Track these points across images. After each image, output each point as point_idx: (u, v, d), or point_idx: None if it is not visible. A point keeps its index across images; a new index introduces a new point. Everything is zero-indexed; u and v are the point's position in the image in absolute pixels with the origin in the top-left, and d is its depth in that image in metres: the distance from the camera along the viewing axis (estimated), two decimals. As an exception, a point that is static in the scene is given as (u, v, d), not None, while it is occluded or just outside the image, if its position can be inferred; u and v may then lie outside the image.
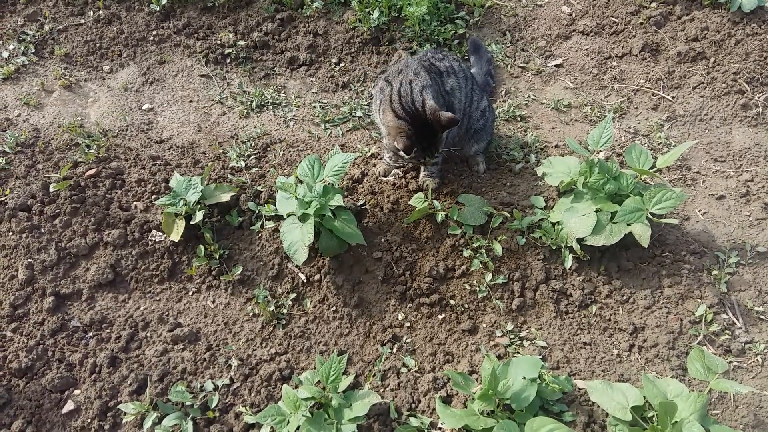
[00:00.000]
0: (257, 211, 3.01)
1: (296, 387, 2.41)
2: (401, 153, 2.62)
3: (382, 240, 2.92)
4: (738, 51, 3.55)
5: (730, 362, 2.52)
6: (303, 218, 2.72)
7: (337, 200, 2.67)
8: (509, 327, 2.66)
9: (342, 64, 3.78)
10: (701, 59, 3.59)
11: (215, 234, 2.95)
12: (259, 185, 3.13)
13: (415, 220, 2.92)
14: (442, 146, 2.74)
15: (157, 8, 3.96)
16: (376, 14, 3.77)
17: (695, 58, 3.59)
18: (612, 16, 3.86)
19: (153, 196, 3.08)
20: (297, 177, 2.83)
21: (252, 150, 3.33)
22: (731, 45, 3.58)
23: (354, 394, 2.38)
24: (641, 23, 3.78)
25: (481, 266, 2.79)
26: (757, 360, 2.52)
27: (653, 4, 3.84)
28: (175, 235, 2.82)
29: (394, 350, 2.63)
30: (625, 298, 2.71)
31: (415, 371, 2.56)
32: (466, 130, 3.03)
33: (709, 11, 3.73)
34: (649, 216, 2.62)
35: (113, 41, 3.87)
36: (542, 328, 2.66)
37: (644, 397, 2.17)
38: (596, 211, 2.70)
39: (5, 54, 3.79)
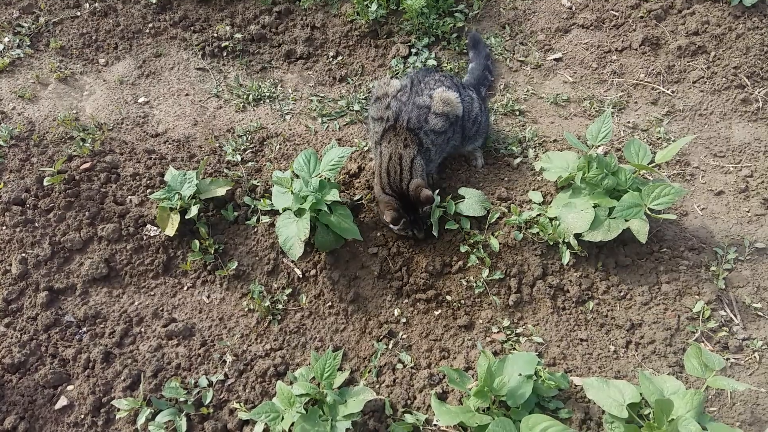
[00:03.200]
0: (253, 206, 2.99)
1: (291, 383, 2.40)
2: (393, 229, 2.76)
3: (379, 235, 2.90)
4: (739, 45, 3.52)
5: (728, 359, 2.50)
6: (299, 213, 2.69)
7: (333, 195, 2.65)
8: (506, 323, 2.64)
9: (339, 58, 3.75)
10: (701, 53, 3.55)
11: (210, 229, 2.93)
12: (255, 179, 3.11)
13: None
14: (429, 220, 2.79)
15: (154, 1, 3.92)
16: (374, 7, 3.73)
17: (695, 53, 3.56)
18: (612, 10, 3.82)
19: (148, 190, 3.05)
20: (293, 171, 2.81)
21: (248, 144, 3.31)
22: (732, 39, 3.55)
23: (349, 390, 2.36)
24: (641, 17, 3.74)
25: (477, 262, 2.77)
26: (755, 357, 2.50)
27: (654, -2, 3.80)
28: (170, 230, 2.80)
29: (390, 346, 2.62)
30: (622, 294, 2.69)
31: (411, 367, 2.54)
32: (462, 138, 3.00)
33: (709, 5, 3.69)
34: (648, 211, 2.60)
35: (109, 34, 3.84)
36: (539, 324, 2.65)
37: (641, 394, 2.15)
38: (594, 207, 2.68)
39: (0, 47, 3.76)
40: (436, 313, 2.70)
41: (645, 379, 2.16)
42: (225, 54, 3.78)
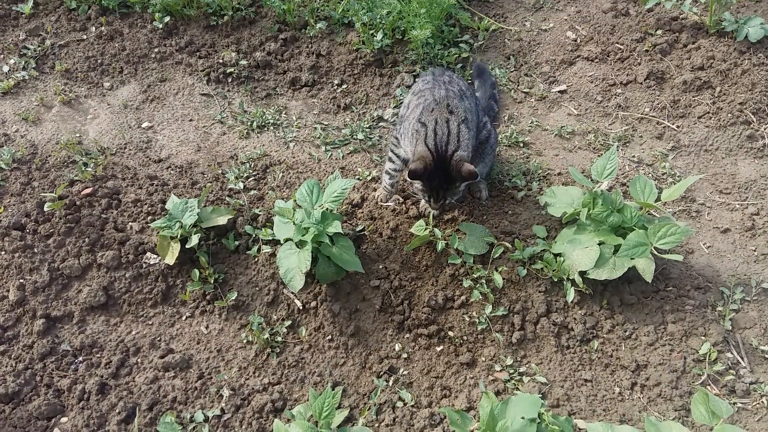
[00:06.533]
0: (254, 235, 2.97)
1: (288, 421, 2.35)
2: (407, 176, 2.58)
3: (381, 267, 2.86)
4: (744, 81, 3.51)
5: (734, 403, 2.45)
6: (300, 244, 2.67)
7: (336, 227, 2.63)
8: (509, 361, 2.60)
9: (344, 86, 3.75)
10: (707, 88, 3.55)
11: (211, 258, 2.90)
12: (257, 208, 3.09)
13: (414, 247, 2.87)
14: (453, 197, 2.72)
15: (160, 26, 3.94)
16: (379, 36, 3.75)
17: (701, 87, 3.56)
18: (617, 43, 3.83)
19: (149, 217, 3.03)
20: (295, 201, 2.79)
21: (251, 171, 3.29)
22: (737, 75, 3.55)
23: (348, 430, 2.31)
24: (647, 50, 3.75)
25: (481, 297, 2.73)
26: (763, 402, 2.45)
27: (659, 32, 3.81)
28: (170, 259, 2.77)
29: (390, 383, 2.57)
30: (627, 333, 2.65)
31: (411, 406, 2.49)
32: (474, 150, 2.97)
33: (715, 40, 3.70)
34: (653, 251, 2.57)
35: (114, 58, 3.85)
36: (542, 363, 2.60)
37: (646, 440, 2.11)
38: (599, 244, 2.65)
39: (5, 68, 3.76)
40: (438, 349, 2.66)
41: (651, 425, 2.11)
42: (230, 80, 3.78)
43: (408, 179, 2.63)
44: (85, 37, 3.94)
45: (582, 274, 2.66)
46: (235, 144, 3.47)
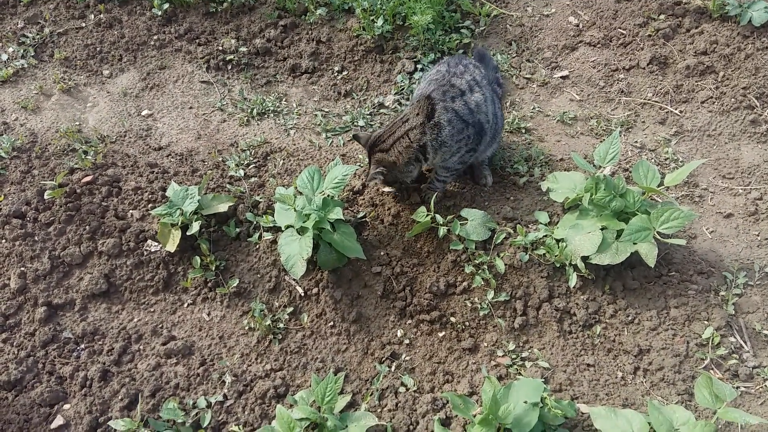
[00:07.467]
0: (255, 222, 2.96)
1: (291, 406, 2.35)
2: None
3: (382, 254, 2.86)
4: (748, 65, 3.48)
5: (738, 387, 2.45)
6: (301, 231, 2.66)
7: (337, 213, 2.62)
8: (511, 346, 2.59)
9: (345, 72, 3.73)
10: (710, 73, 3.52)
11: (212, 245, 2.89)
12: (258, 195, 3.07)
13: (416, 234, 2.86)
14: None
15: (159, 13, 3.91)
16: (380, 22, 3.72)
17: (704, 72, 3.53)
18: (620, 28, 3.80)
19: (149, 205, 3.02)
20: (296, 188, 2.78)
21: (251, 158, 3.27)
22: (741, 59, 3.52)
23: (350, 415, 2.31)
24: (649, 35, 3.72)
25: (482, 283, 2.72)
26: (765, 385, 2.44)
27: (662, 17, 3.78)
28: (171, 246, 2.76)
29: (393, 368, 2.57)
30: (630, 318, 2.64)
31: (414, 391, 2.49)
32: (492, 137, 2.94)
33: (718, 24, 3.67)
34: (656, 235, 2.55)
35: (114, 45, 3.82)
36: (545, 348, 2.60)
37: (649, 424, 2.10)
38: (602, 229, 2.64)
39: (4, 57, 3.74)
40: (440, 335, 2.66)
41: (654, 409, 2.11)
42: (230, 67, 3.76)
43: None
44: (83, 24, 3.92)
45: (584, 259, 2.65)
46: (235, 131, 3.46)
